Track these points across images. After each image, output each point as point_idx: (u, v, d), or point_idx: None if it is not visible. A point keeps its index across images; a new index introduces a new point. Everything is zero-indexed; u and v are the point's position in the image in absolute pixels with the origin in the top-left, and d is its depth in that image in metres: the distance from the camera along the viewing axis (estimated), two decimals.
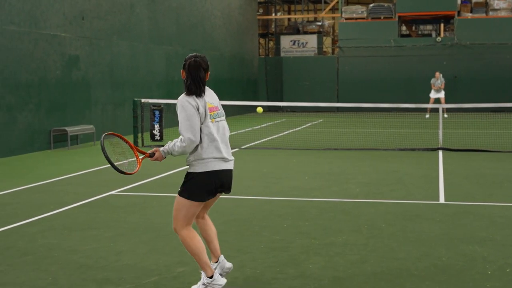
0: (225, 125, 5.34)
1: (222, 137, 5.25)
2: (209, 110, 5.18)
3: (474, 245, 6.81)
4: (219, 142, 5.18)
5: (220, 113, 5.31)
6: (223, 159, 5.20)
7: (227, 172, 5.26)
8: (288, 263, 6.25)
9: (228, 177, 5.29)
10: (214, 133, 5.17)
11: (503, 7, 31.17)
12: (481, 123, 23.30)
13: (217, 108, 5.29)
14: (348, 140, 17.51)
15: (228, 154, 5.27)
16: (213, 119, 5.20)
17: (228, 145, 5.32)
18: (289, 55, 34.68)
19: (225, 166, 5.23)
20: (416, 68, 31.34)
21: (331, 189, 10.38)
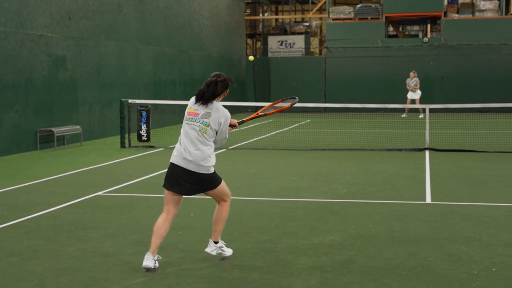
0: (194, 128, 5.98)
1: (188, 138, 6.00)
2: (190, 113, 6.03)
3: (460, 245, 6.84)
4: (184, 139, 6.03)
5: (194, 119, 5.99)
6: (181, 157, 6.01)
7: (183, 170, 6.01)
8: (275, 263, 6.25)
9: (185, 174, 6.00)
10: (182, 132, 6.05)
11: (489, 7, 31.35)
12: (468, 123, 23.40)
13: (194, 115, 6.00)
14: (335, 141, 17.54)
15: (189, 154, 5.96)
16: (188, 121, 6.03)
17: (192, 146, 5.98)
18: (277, 55, 34.70)
19: (177, 161, 6.04)
20: (403, 69, 31.39)
21: (318, 190, 10.39)
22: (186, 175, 5.98)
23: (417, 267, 6.09)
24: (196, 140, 5.96)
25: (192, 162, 5.94)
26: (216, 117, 6.01)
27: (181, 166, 5.97)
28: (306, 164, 13.39)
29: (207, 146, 6.01)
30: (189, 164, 5.95)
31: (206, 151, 5.99)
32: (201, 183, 6.02)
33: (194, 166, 5.95)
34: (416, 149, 15.63)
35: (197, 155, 5.94)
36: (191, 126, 5.98)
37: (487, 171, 12.21)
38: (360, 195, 9.93)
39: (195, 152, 5.94)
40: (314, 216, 8.39)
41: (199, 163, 5.94)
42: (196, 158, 5.93)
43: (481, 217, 8.24)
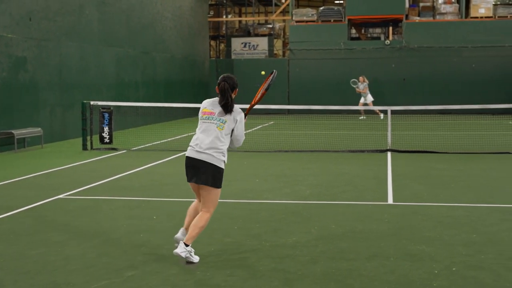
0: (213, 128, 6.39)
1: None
2: (204, 112, 6.52)
3: (421, 245, 6.93)
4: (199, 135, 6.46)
5: (208, 118, 6.45)
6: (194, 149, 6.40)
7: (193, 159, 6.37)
8: (238, 265, 6.25)
9: (196, 163, 6.35)
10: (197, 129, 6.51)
11: (449, 11, 31.81)
12: (429, 124, 23.71)
13: (210, 114, 6.46)
14: (299, 142, 17.62)
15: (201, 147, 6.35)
16: (204, 119, 6.49)
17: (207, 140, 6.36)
18: (240, 57, 34.73)
19: (191, 154, 6.40)
20: (365, 71, 31.68)
21: (282, 191, 10.42)
22: (200, 164, 6.32)
23: (379, 268, 6.14)
24: (213, 135, 6.36)
25: (205, 153, 6.32)
26: (232, 115, 6.45)
27: (194, 158, 6.36)
28: (270, 166, 13.42)
29: (221, 142, 6.39)
30: (201, 155, 6.32)
31: (220, 146, 6.38)
32: (207, 173, 6.31)
33: (207, 156, 6.31)
34: (378, 150, 15.78)
35: (211, 147, 6.32)
36: (208, 124, 6.42)
37: (448, 172, 12.38)
38: (323, 196, 9.98)
39: (209, 145, 6.33)
40: (277, 217, 8.41)
41: (212, 154, 6.31)
42: (209, 150, 6.32)
43: (442, 217, 8.35)
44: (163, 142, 18.39)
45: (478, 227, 7.75)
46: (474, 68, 31.24)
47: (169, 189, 10.69)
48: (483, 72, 31.08)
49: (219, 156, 6.35)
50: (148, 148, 16.94)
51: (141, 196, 10.05)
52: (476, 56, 31.20)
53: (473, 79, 31.12)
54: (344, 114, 29.77)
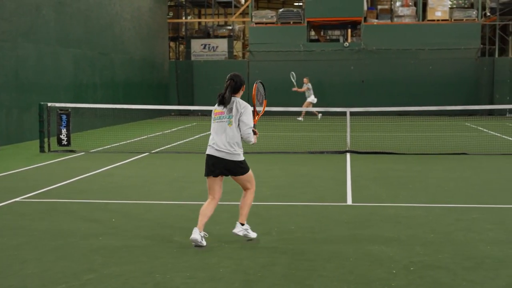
0: (223, 126, 7.02)
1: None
2: (215, 112, 7.11)
3: (380, 245, 6.99)
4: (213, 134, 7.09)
5: (220, 118, 7.05)
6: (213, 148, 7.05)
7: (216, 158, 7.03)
8: (199, 267, 6.23)
9: (219, 162, 7.03)
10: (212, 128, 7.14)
11: (407, 13, 32.22)
12: (387, 126, 23.98)
13: (220, 114, 7.07)
14: (258, 144, 17.57)
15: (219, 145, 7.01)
16: (215, 120, 7.10)
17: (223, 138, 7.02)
18: (200, 58, 34.65)
19: (210, 152, 7.07)
20: (325, 73, 31.94)
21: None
22: (219, 162, 7.03)
23: (338, 268, 6.19)
24: (225, 133, 7.00)
25: (223, 151, 7.00)
26: (236, 108, 7.01)
27: (214, 156, 7.04)
28: None
29: (235, 136, 7.02)
30: (221, 153, 7.02)
31: (235, 141, 7.03)
32: (232, 168, 7.09)
33: (225, 154, 7.01)
34: (338, 151, 15.89)
35: (226, 145, 6.99)
36: (220, 123, 7.06)
37: (406, 173, 12.53)
38: (283, 197, 10.01)
39: (226, 143, 7.00)
40: (237, 219, 8.38)
41: (229, 152, 7.00)
42: (226, 148, 6.99)
43: (400, 217, 8.45)
44: (122, 144, 18.23)
45: (435, 227, 7.86)
46: (431, 70, 31.70)
47: (129, 191, 10.61)
48: (440, 74, 31.55)
49: (237, 151, 7.04)
50: (107, 150, 16.78)
51: (100, 198, 9.95)
52: (433, 58, 31.66)
53: (430, 81, 31.58)
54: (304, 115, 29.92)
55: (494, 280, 5.81)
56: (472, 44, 31.51)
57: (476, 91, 31.75)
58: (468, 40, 31.49)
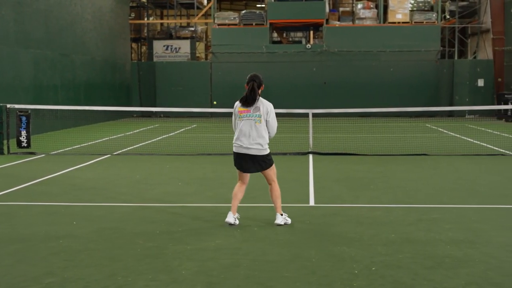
0: (249, 124, 7.77)
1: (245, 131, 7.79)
2: (240, 111, 7.84)
3: (342, 246, 7.04)
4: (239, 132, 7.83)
5: (246, 116, 7.78)
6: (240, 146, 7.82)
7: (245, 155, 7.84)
8: (161, 270, 6.20)
9: (248, 158, 7.84)
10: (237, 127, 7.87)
11: (368, 16, 32.53)
12: (349, 127, 24.16)
13: (246, 112, 7.79)
14: (222, 145, 17.62)
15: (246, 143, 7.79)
16: (241, 118, 7.80)
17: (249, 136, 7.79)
18: (162, 60, 34.49)
19: (239, 150, 7.86)
20: (287, 74, 32.06)
21: (205, 194, 10.40)
22: (249, 158, 7.83)
23: (300, 269, 6.21)
24: (254, 130, 7.74)
25: (252, 148, 7.77)
26: (264, 109, 7.80)
27: (243, 153, 7.81)
28: (193, 169, 13.37)
29: (262, 134, 7.81)
30: (250, 150, 7.79)
31: (262, 137, 7.81)
32: (260, 163, 7.87)
33: (254, 150, 7.79)
34: (300, 153, 15.96)
35: (256, 141, 7.76)
36: (248, 121, 7.78)
37: (368, 174, 12.63)
38: (246, 199, 9.98)
39: (254, 139, 7.75)
40: (200, 221, 8.39)
41: (258, 147, 7.78)
42: (255, 144, 7.76)
43: (362, 218, 8.52)
44: (83, 146, 18.05)
45: (396, 227, 7.94)
46: (392, 72, 32.05)
47: (90, 193, 10.50)
48: (401, 76, 31.92)
49: (264, 145, 7.84)
50: (68, 152, 16.59)
51: (60, 201, 9.83)
52: (394, 60, 32.01)
53: (391, 83, 31.93)
54: None
55: (453, 279, 5.90)
56: (432, 46, 31.94)
57: (436, 92, 32.19)
58: (428, 42, 31.91)
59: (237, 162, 7.99)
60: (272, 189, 8.09)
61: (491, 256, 6.64)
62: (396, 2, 32.04)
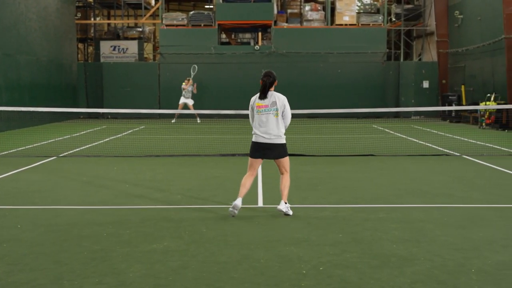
0: (272, 117, 8.66)
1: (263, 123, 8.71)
2: (258, 106, 8.71)
3: (290, 246, 7.08)
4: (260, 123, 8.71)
5: (265, 110, 8.66)
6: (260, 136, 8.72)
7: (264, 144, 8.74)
8: (108, 273, 6.13)
9: (267, 146, 8.73)
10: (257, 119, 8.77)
11: (316, 18, 32.78)
12: (297, 128, 24.30)
13: (265, 107, 8.67)
14: (170, 147, 17.53)
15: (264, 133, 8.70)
16: (260, 112, 8.69)
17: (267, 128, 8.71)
18: (109, 60, 34.11)
19: (259, 140, 8.74)
20: (236, 75, 32.07)
21: (152, 196, 10.33)
22: (269, 146, 8.71)
23: (249, 270, 6.22)
24: (273, 122, 8.63)
25: (272, 136, 8.66)
26: (280, 102, 8.70)
27: (263, 142, 8.69)
28: (140, 171, 13.27)
29: (280, 125, 8.72)
30: (271, 139, 8.68)
31: (280, 128, 8.74)
32: (278, 150, 8.74)
33: (275, 139, 8.68)
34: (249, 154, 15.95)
35: (275, 131, 8.66)
36: (267, 114, 8.65)
37: (316, 174, 12.73)
38: (194, 200, 9.99)
39: (274, 131, 8.66)
40: (148, 223, 8.33)
41: (277, 136, 8.68)
42: (274, 134, 8.66)
43: (310, 218, 8.59)
44: (28, 147, 17.71)
45: (343, 227, 8.03)
46: (339, 74, 32.37)
47: (35, 196, 10.31)
48: (348, 78, 32.26)
49: (282, 135, 8.76)
50: (12, 154, 16.26)
51: (4, 204, 9.63)
52: (342, 62, 32.34)
53: (339, 84, 32.24)
54: (215, 118, 29.98)
55: (399, 277, 6.00)
56: (378, 48, 32.38)
57: (383, 94, 32.64)
58: (375, 44, 32.34)
59: (256, 150, 8.78)
60: (284, 178, 8.85)
61: (436, 254, 6.77)
62: (343, 5, 32.38)
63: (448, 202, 9.80)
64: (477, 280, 5.92)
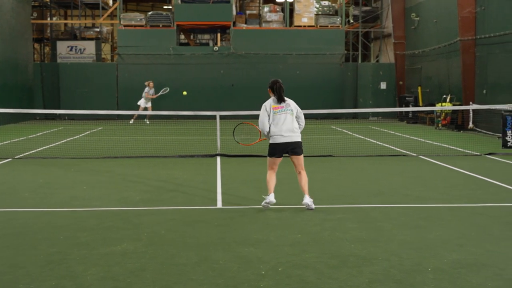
0: (289, 118, 9.33)
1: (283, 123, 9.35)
2: (274, 108, 9.38)
3: (249, 247, 7.09)
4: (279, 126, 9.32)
5: (281, 111, 9.35)
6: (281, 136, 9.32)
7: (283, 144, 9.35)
8: (65, 275, 6.06)
9: (286, 145, 9.34)
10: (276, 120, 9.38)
11: (275, 19, 32.88)
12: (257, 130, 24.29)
13: (281, 108, 9.37)
14: (128, 148, 17.40)
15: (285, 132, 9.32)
16: (276, 113, 9.34)
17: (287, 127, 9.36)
18: (66, 61, 33.67)
19: (280, 140, 9.31)
20: (195, 76, 31.96)
21: (111, 198, 10.23)
22: (289, 144, 9.31)
23: (208, 271, 6.21)
24: (290, 121, 9.32)
25: (292, 134, 9.30)
26: (293, 105, 9.49)
27: (284, 142, 9.28)
28: (98, 173, 13.13)
29: (295, 123, 9.41)
30: (292, 137, 9.31)
31: (297, 126, 9.45)
32: (296, 147, 9.35)
33: (294, 136, 9.32)
34: (208, 155, 15.96)
35: (293, 129, 9.33)
36: (285, 114, 9.33)
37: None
38: (153, 202, 9.93)
39: (293, 128, 9.32)
40: (106, 225, 8.25)
41: (295, 134, 9.35)
42: (293, 131, 9.33)
43: (269, 219, 8.61)
44: None
45: (302, 228, 8.07)
46: (298, 75, 32.50)
47: None
48: (307, 79, 32.40)
49: (298, 133, 9.43)
50: None
51: None
52: (300, 63, 32.49)
53: (297, 85, 32.30)
54: (174, 119, 29.84)
55: (357, 277, 6.05)
56: (337, 50, 32.62)
57: (341, 95, 32.88)
58: (333, 46, 32.57)
59: (277, 150, 9.34)
60: (302, 176, 9.44)
61: (393, 253, 6.85)
62: (302, 6, 32.54)
63: (405, 202, 9.93)
64: (433, 279, 6.00)
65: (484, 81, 23.71)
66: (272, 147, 9.38)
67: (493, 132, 21.63)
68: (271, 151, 9.40)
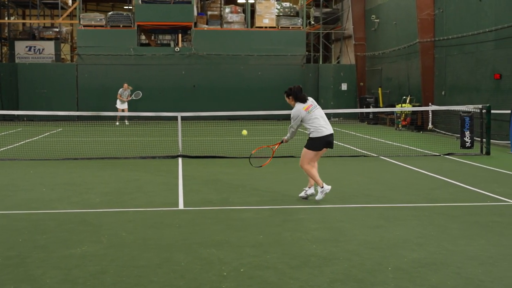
0: (320, 111, 9.98)
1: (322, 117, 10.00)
2: (306, 109, 9.88)
3: (211, 248, 7.07)
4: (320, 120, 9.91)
5: (312, 108, 9.92)
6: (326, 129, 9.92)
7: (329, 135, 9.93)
8: (23, 279, 5.96)
9: (330, 136, 9.93)
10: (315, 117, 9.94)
11: (236, 20, 32.88)
12: (218, 130, 24.31)
13: (310, 106, 9.94)
14: (88, 149, 17.22)
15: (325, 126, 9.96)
16: (310, 111, 9.87)
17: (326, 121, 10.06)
18: (25, 61, 33.19)
19: (327, 132, 9.89)
20: (156, 77, 31.80)
21: (70, 200, 10.11)
22: (332, 136, 9.92)
23: (169, 273, 6.17)
24: (324, 116, 10.00)
25: (330, 127, 9.97)
26: (314, 101, 10.10)
27: (329, 133, 9.86)
28: (58, 174, 12.97)
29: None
30: (331, 130, 9.96)
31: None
32: (333, 139, 9.99)
33: (331, 129, 9.98)
34: (169, 156, 15.88)
35: (329, 123, 10.03)
36: (317, 110, 9.92)
37: (236, 176, 12.77)
38: (114, 204, 9.84)
39: (328, 122, 10.02)
40: (65, 227, 8.14)
41: (331, 127, 10.04)
42: (330, 125, 10.03)
43: (231, 220, 8.59)
44: None
45: (264, 229, 8.08)
46: (260, 76, 32.56)
47: None
48: (268, 80, 32.48)
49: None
50: None
51: None
52: (262, 64, 32.55)
53: (259, 86, 32.42)
54: (135, 120, 29.61)
55: (318, 277, 6.08)
56: (298, 51, 32.75)
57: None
58: (295, 47, 32.70)
59: (325, 142, 9.83)
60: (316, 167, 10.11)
61: (354, 253, 6.90)
62: (263, 7, 32.60)
63: (366, 202, 10.01)
64: (393, 278, 6.06)
65: (443, 82, 24.08)
66: (319, 140, 9.80)
67: (452, 132, 21.97)
68: (318, 145, 9.83)
